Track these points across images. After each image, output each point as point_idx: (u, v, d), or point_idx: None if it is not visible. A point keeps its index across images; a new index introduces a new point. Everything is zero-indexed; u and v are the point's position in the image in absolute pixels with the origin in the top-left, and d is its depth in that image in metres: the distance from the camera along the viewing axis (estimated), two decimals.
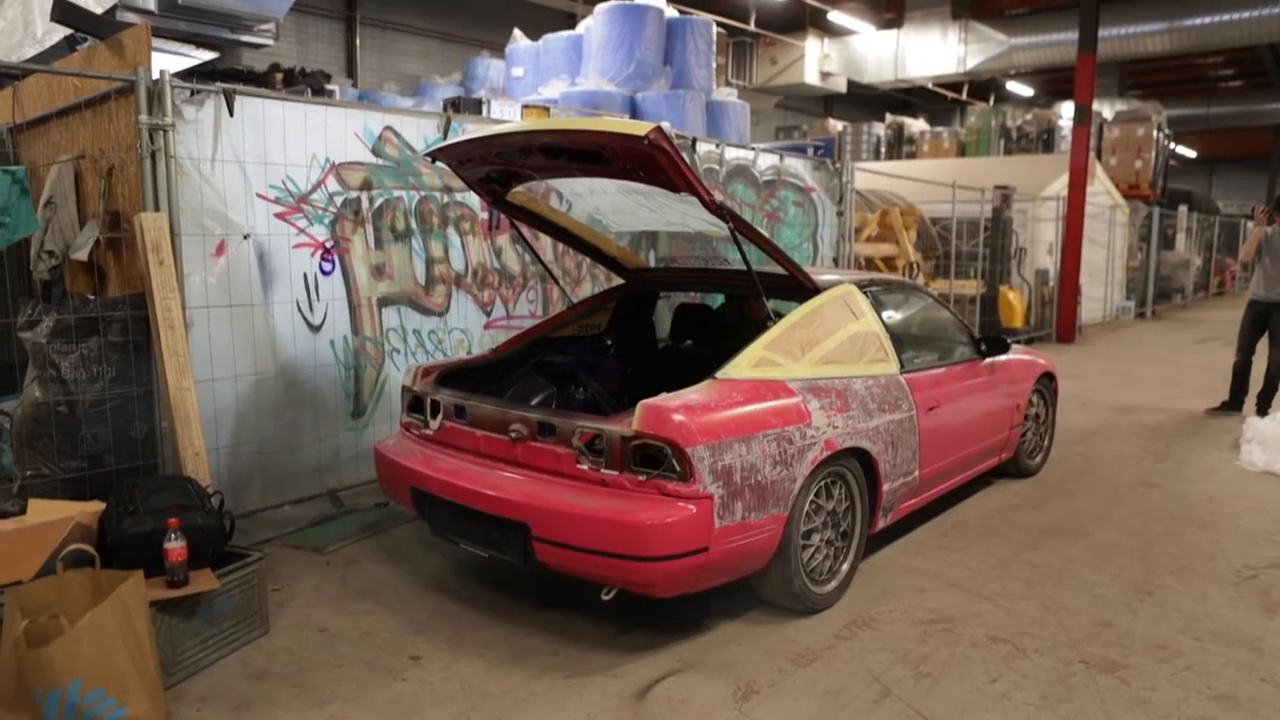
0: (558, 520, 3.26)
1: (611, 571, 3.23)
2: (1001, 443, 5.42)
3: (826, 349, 4.00)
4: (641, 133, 3.22)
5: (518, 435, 3.57)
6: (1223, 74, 28.28)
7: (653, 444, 3.23)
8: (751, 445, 3.38)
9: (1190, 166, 39.36)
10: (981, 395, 5.08)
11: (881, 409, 4.07)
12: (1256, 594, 4.05)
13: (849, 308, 4.26)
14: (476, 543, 3.62)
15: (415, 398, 4.10)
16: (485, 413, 3.73)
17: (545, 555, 3.34)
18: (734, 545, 3.32)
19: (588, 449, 3.38)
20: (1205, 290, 23.19)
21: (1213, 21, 16.56)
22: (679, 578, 3.25)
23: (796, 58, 20.14)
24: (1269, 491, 5.67)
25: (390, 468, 3.99)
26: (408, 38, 17.02)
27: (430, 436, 3.99)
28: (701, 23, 10.79)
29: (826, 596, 3.82)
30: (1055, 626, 3.67)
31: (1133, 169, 18.68)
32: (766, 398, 3.57)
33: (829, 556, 3.87)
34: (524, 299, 5.69)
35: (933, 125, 22.12)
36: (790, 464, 3.50)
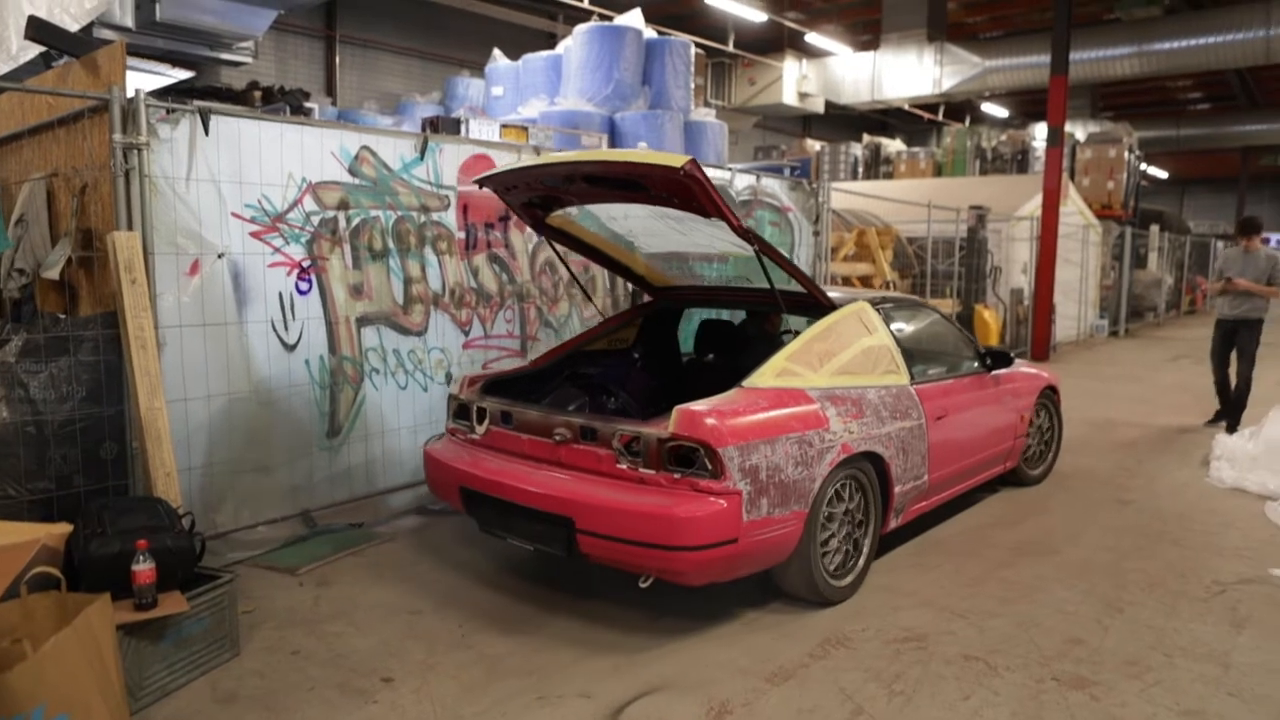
0: (600, 514, 3.58)
1: (649, 560, 3.56)
2: (1005, 452, 5.69)
3: (842, 361, 4.34)
4: (678, 164, 3.56)
5: (561, 438, 3.90)
6: (1191, 97, 28.82)
7: (687, 445, 3.56)
8: (776, 447, 3.70)
9: (1162, 187, 39.98)
10: (986, 406, 5.38)
11: (893, 417, 4.39)
12: (1225, 609, 4.10)
13: (863, 323, 4.61)
14: (522, 537, 3.94)
15: (461, 405, 4.45)
16: (530, 418, 4.08)
17: (588, 547, 3.65)
18: (760, 538, 3.64)
19: (626, 450, 3.70)
20: (1177, 309, 23.49)
21: (1180, 46, 16.87)
22: (710, 567, 3.57)
23: (775, 78, 20.33)
24: (1237, 508, 5.74)
25: (440, 469, 4.33)
26: (388, 56, 17.05)
27: (477, 440, 4.33)
28: (680, 43, 10.87)
29: (843, 590, 4.11)
30: (1027, 644, 3.69)
31: (1105, 189, 18.93)
32: (789, 404, 3.89)
33: (845, 553, 4.16)
34: (501, 318, 5.69)
35: (909, 145, 22.37)
36: (810, 465, 3.82)
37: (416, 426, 5.26)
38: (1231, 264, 8.04)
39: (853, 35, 21.33)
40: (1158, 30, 16.95)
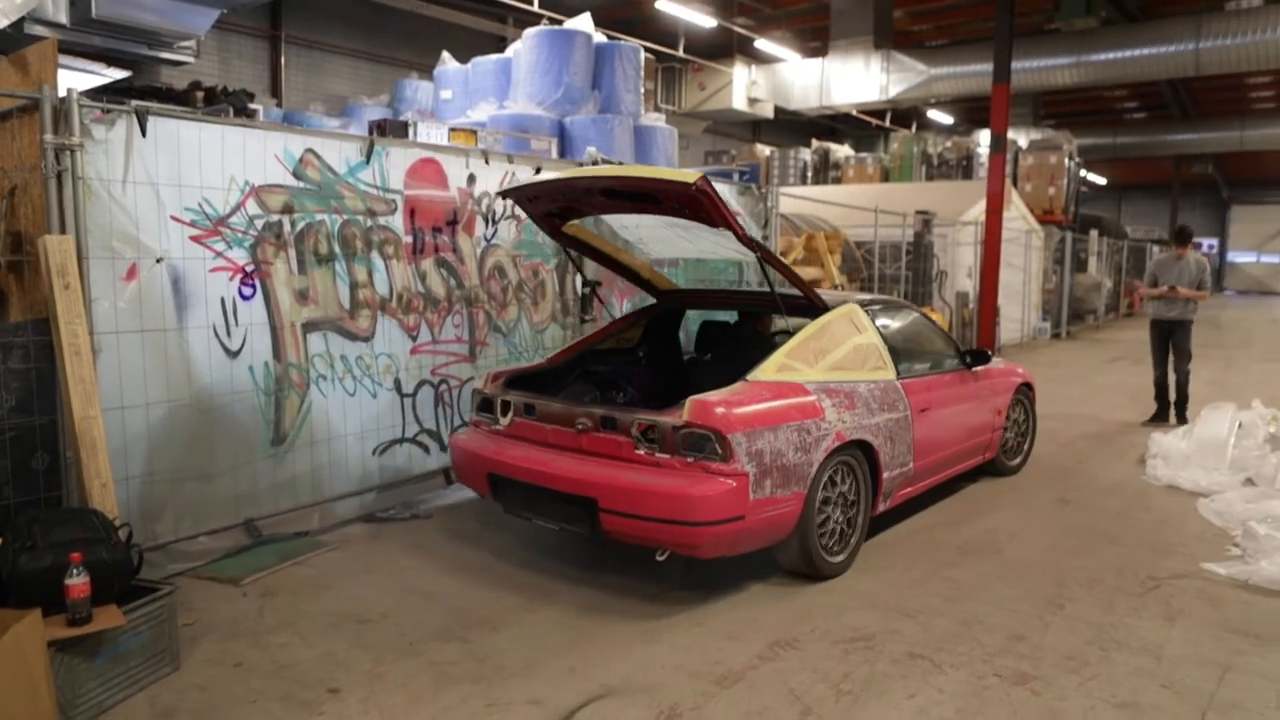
0: (621, 495, 3.94)
1: (665, 535, 3.92)
2: (985, 443, 6.11)
3: (835, 358, 4.75)
4: (691, 180, 3.96)
5: (583, 427, 4.24)
6: (1128, 106, 29.67)
7: (699, 432, 3.92)
8: (778, 434, 4.08)
9: (1101, 193, 41.10)
10: (966, 401, 5.80)
11: (881, 408, 4.78)
12: (1159, 604, 4.22)
13: (853, 323, 5.03)
14: (548, 518, 4.31)
15: (485, 399, 4.79)
16: (553, 410, 4.42)
17: (610, 524, 4.00)
18: (764, 516, 4.02)
19: (644, 437, 4.06)
20: (1116, 311, 24.15)
21: (1115, 57, 17.36)
22: (720, 540, 3.94)
23: (724, 84, 20.47)
24: (1171, 505, 5.92)
25: (468, 457, 4.65)
26: (335, 58, 16.81)
27: (501, 431, 4.66)
28: (630, 48, 10.90)
29: (838, 566, 4.49)
30: (971, 641, 3.76)
31: (1047, 195, 19.41)
32: (789, 396, 4.28)
33: (840, 532, 4.52)
34: (450, 323, 5.64)
35: (857, 151, 22.67)
36: (808, 450, 4.21)
37: (364, 433, 5.20)
38: (1165, 269, 8.57)
39: (801, 42, 21.56)
40: (1095, 41, 17.41)
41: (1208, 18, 16.86)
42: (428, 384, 5.53)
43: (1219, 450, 6.66)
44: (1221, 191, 44.64)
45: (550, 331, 6.39)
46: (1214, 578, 4.55)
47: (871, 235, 11.75)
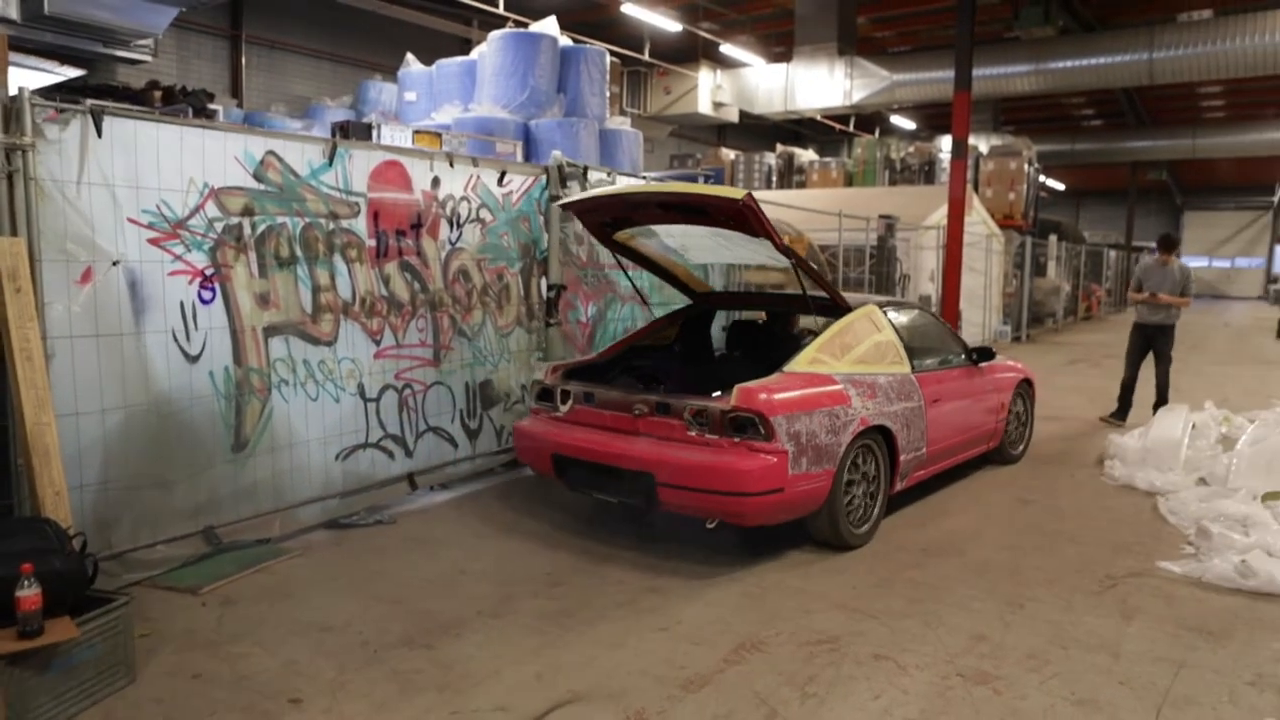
0: (676, 470, 4.49)
1: (715, 505, 4.49)
2: (989, 432, 6.67)
3: (859, 353, 5.30)
4: (739, 197, 4.55)
5: (640, 412, 4.77)
6: (1085, 114, 30.26)
7: (744, 415, 4.46)
8: (812, 418, 4.64)
9: (1060, 198, 41.81)
10: (972, 393, 6.35)
11: (899, 398, 5.33)
12: (1116, 602, 4.30)
13: (873, 322, 5.57)
14: (610, 493, 4.89)
15: (546, 389, 5.31)
16: (612, 397, 4.96)
17: (666, 496, 4.57)
18: (800, 489, 4.57)
19: (694, 420, 4.59)
20: (1075, 315, 24.56)
21: (1073, 65, 17.70)
22: (762, 510, 4.51)
23: (690, 88, 20.54)
24: (1128, 504, 6.03)
25: (533, 440, 5.19)
26: (297, 58, 16.63)
27: (561, 418, 5.18)
28: (595, 52, 10.90)
29: (861, 537, 5.04)
30: (934, 642, 3.80)
31: (1007, 200, 19.71)
32: (820, 385, 4.84)
33: (863, 507, 5.07)
34: (414, 327, 5.59)
35: (822, 155, 22.88)
36: (837, 433, 4.76)
37: (327, 438, 5.13)
38: (1150, 275, 8.83)
39: (766, 47, 21.70)
40: (1053, 50, 17.74)
41: (1160, 28, 17.26)
42: (391, 388, 5.47)
43: (1173, 451, 6.79)
44: (1175, 198, 45.67)
45: (515, 335, 6.36)
46: (1169, 576, 4.64)
47: (836, 239, 11.85)
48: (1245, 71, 16.74)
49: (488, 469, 6.29)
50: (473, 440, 6.08)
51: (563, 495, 5.97)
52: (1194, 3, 19.11)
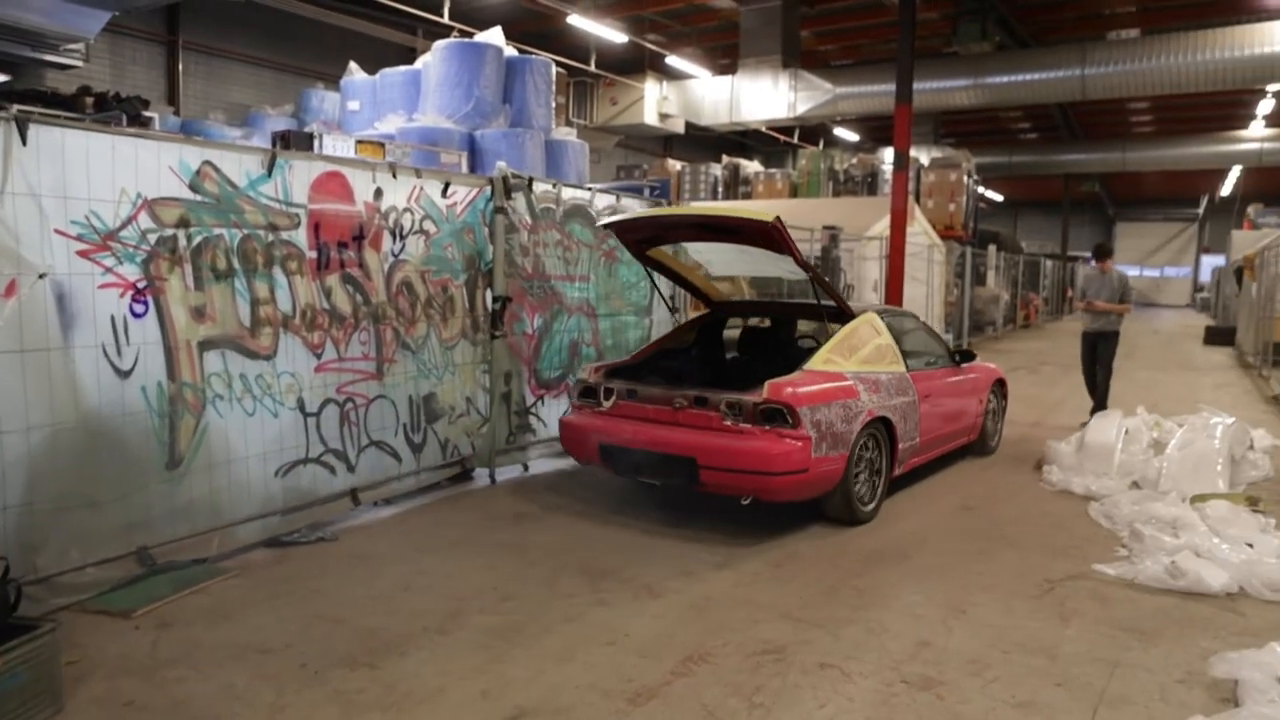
0: (716, 454, 5.19)
1: (750, 484, 5.18)
2: (970, 426, 7.47)
3: (863, 354, 6.01)
4: (770, 219, 5.37)
5: (680, 405, 5.42)
6: (1022, 127, 31.06)
7: (774, 406, 5.16)
8: (830, 409, 5.35)
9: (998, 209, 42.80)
10: (957, 390, 7.11)
11: (897, 394, 6.04)
12: (1054, 605, 4.40)
13: (873, 327, 6.27)
14: (655, 476, 5.59)
15: (589, 387, 5.93)
16: (653, 393, 5.60)
17: (707, 477, 5.24)
18: (821, 470, 5.28)
19: (729, 411, 5.25)
20: (1014, 323, 25.17)
21: (1009, 81, 18.16)
22: (789, 487, 5.20)
23: (636, 99, 20.62)
24: (1065, 509, 6.18)
25: (580, 432, 5.81)
26: (237, 65, 16.31)
27: (604, 412, 5.78)
28: (541, 62, 10.88)
29: (868, 514, 5.74)
30: (879, 649, 3.85)
31: (948, 211, 20.13)
32: (835, 380, 5.57)
33: (869, 488, 5.76)
34: (356, 340, 5.50)
35: (767, 166, 23.12)
36: (850, 422, 5.47)
37: (266, 454, 5.02)
38: (1091, 284, 9.27)
39: (712, 59, 21.88)
40: (990, 65, 18.18)
41: (1091, 46, 17.81)
42: (333, 402, 5.37)
43: (1107, 456, 6.98)
44: (1108, 209, 47.11)
45: (460, 347, 6.30)
46: (1104, 578, 4.77)
47: None
48: (1170, 89, 17.35)
49: (433, 483, 6.21)
50: (417, 454, 6.00)
51: (510, 508, 5.92)
52: (1122, 22, 19.78)
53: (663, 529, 5.59)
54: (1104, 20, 19.74)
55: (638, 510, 5.97)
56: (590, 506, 6.02)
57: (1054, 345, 19.37)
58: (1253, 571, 4.62)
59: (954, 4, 17.11)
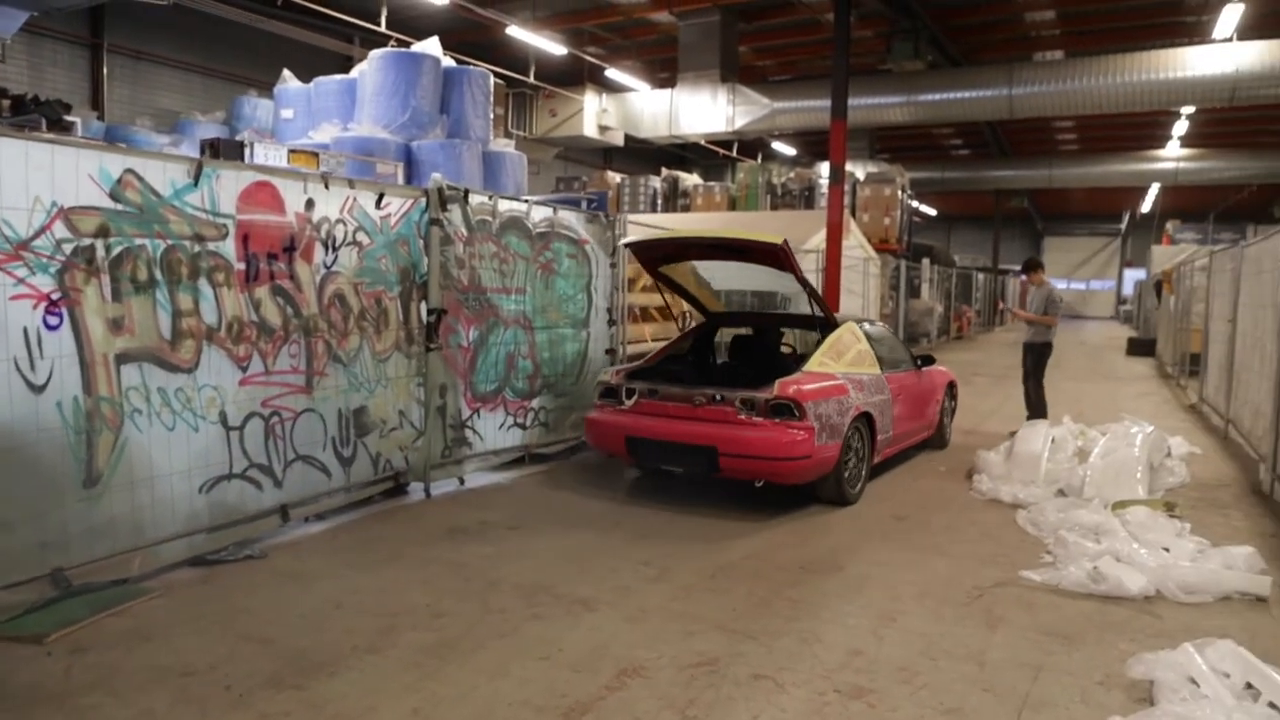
0: (733, 444, 5.99)
1: (763, 468, 6.03)
2: (931, 423, 8.49)
3: (848, 358, 6.90)
4: (779, 242, 6.31)
5: (700, 402, 6.20)
6: (954, 144, 31.89)
7: (783, 402, 5.98)
8: (828, 404, 6.20)
9: (932, 223, 43.84)
10: (920, 391, 8.03)
11: (876, 392, 6.95)
12: (982, 612, 4.49)
13: (854, 335, 7.18)
14: (678, 464, 6.44)
15: (611, 388, 6.69)
16: (674, 392, 6.38)
17: (725, 464, 6.04)
18: (821, 457, 6.11)
19: (743, 406, 6.05)
20: (947, 334, 25.75)
21: (941, 98, 18.66)
22: (797, 471, 6.05)
23: (576, 111, 20.65)
24: (994, 517, 6.33)
25: (607, 427, 6.55)
26: (165, 70, 15.91)
27: (627, 410, 6.52)
28: (479, 73, 10.84)
29: (855, 496, 6.60)
30: (811, 659, 3.88)
31: (883, 225, 20.53)
32: (830, 380, 6.44)
33: (856, 473, 6.64)
34: (285, 353, 5.38)
35: (706, 179, 23.32)
36: (843, 416, 6.34)
37: (190, 470, 4.87)
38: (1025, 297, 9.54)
39: (651, 72, 22.03)
40: (922, 83, 18.64)
41: (1019, 66, 18.40)
42: (257, 416, 5.23)
43: (1034, 465, 7.18)
44: (1036, 224, 48.59)
45: (394, 360, 6.21)
46: (1030, 584, 4.89)
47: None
48: (1092, 109, 18.00)
49: (365, 498, 6.10)
50: (346, 468, 5.88)
51: (444, 522, 5.85)
52: (1048, 44, 20.47)
53: (600, 542, 5.58)
54: (1031, 42, 20.40)
55: (575, 524, 5.95)
56: (526, 520, 5.98)
57: (986, 356, 19.87)
58: (1168, 575, 4.79)
59: (888, 23, 17.51)
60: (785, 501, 6.56)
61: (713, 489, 6.81)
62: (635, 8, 18.16)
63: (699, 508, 6.42)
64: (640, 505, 6.54)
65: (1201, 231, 30.58)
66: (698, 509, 6.39)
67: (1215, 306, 11.65)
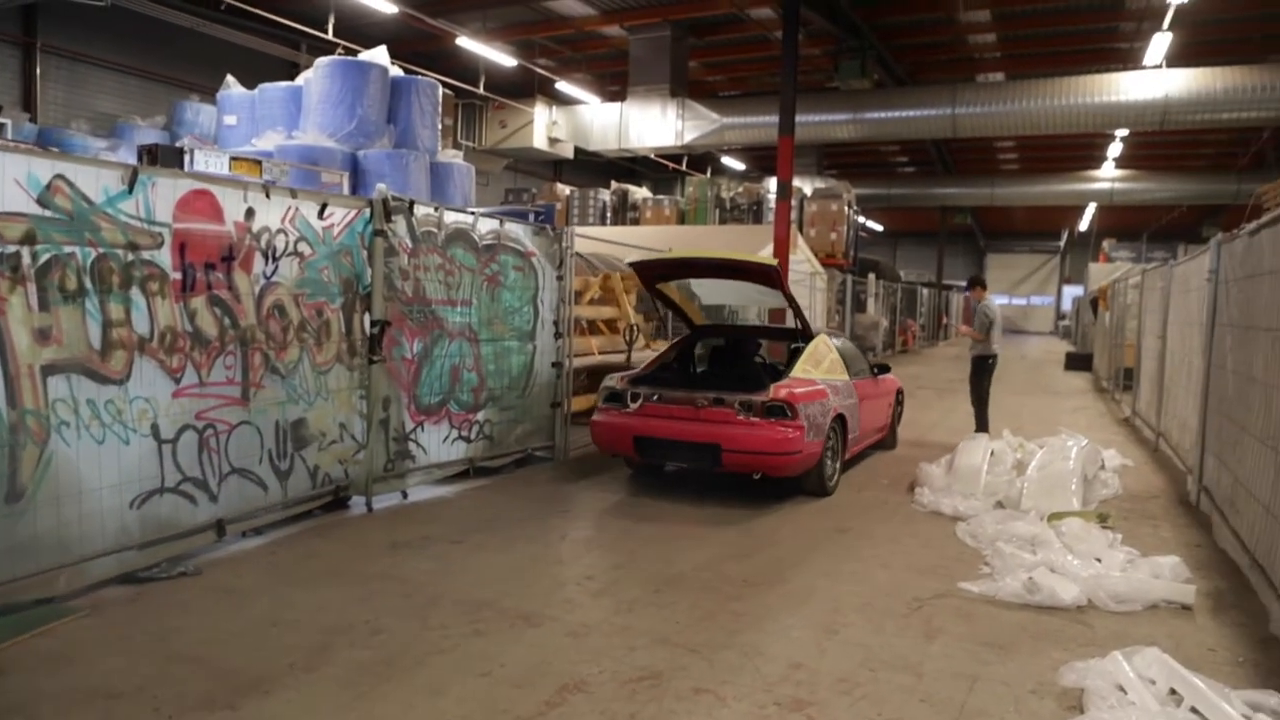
0: (735, 441, 6.71)
1: (761, 463, 6.75)
2: (885, 425, 9.38)
3: (824, 366, 7.76)
4: (771, 264, 7.44)
5: (702, 404, 6.86)
6: (900, 161, 32.49)
7: (777, 404, 6.72)
8: (814, 405, 6.95)
9: (878, 239, 44.62)
10: (878, 396, 8.90)
11: (847, 396, 7.79)
12: (921, 623, 4.56)
13: (826, 346, 7.99)
14: (684, 460, 7.23)
15: (616, 393, 7.30)
16: (678, 396, 7.03)
17: (728, 459, 6.74)
18: (809, 452, 6.86)
19: (741, 407, 6.75)
20: (893, 348, 26.16)
21: (886, 117, 19.02)
22: (790, 465, 6.77)
23: (526, 122, 20.61)
24: (935, 529, 6.43)
25: (613, 429, 7.19)
26: (102, 72, 15.51)
27: (632, 413, 7.12)
28: (427, 83, 10.77)
29: (832, 488, 7.40)
30: (753, 672, 3.90)
31: (829, 240, 20.83)
32: (813, 385, 7.24)
33: (832, 469, 7.42)
34: (221, 364, 5.25)
35: (655, 193, 23.43)
36: (825, 416, 7.13)
37: (121, 484, 4.72)
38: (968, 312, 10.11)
39: (601, 85, 22.10)
40: (869, 101, 18.98)
41: (962, 87, 18.84)
42: (191, 429, 5.09)
43: (974, 477, 7.31)
44: (979, 240, 49.72)
45: (335, 372, 6.11)
46: (968, 595, 4.97)
47: None
48: (1031, 130, 18.50)
49: (305, 512, 5.99)
50: (283, 482, 5.76)
51: (385, 537, 5.76)
52: (989, 66, 21.00)
53: (545, 555, 5.54)
54: (974, 64, 20.91)
55: (520, 537, 5.90)
56: (470, 534, 5.92)
57: (930, 370, 20.24)
58: (1100, 584, 4.91)
59: (835, 42, 17.80)
60: (734, 513, 6.61)
61: (663, 501, 6.81)
62: (586, 21, 18.21)
63: (645, 521, 6.42)
64: (586, 518, 6.53)
65: (1136, 250, 31.60)
66: (644, 522, 6.39)
67: (1147, 323, 12.03)
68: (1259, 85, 15.98)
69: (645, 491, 7.38)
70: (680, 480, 7.78)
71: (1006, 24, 18.14)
